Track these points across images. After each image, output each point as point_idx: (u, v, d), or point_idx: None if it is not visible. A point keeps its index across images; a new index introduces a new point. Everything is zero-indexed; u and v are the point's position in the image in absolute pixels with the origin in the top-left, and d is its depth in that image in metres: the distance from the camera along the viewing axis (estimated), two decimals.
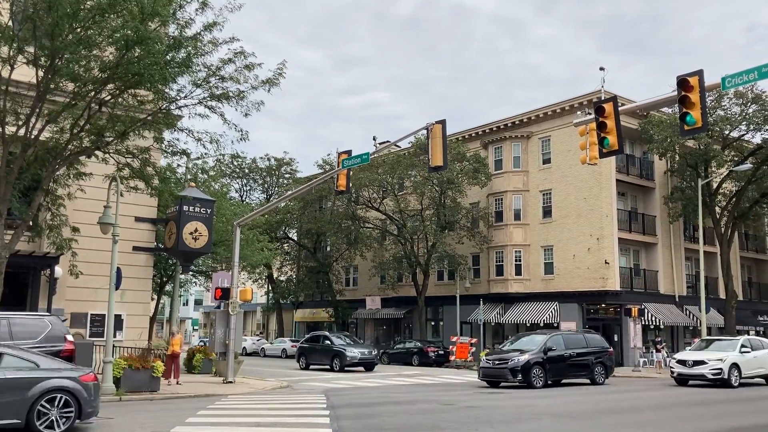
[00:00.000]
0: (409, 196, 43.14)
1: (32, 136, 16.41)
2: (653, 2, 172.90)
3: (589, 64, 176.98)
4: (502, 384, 22.81)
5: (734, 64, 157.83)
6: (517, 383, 22.23)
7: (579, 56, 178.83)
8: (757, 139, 37.52)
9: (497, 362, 22.81)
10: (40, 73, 15.79)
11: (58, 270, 20.48)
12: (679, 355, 26.19)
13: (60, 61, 15.46)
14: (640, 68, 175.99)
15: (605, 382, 24.25)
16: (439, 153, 18.09)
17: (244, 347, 47.24)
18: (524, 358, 22.26)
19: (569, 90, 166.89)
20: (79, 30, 15.03)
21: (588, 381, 24.06)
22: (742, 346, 24.54)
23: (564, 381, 23.69)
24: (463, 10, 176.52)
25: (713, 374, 23.38)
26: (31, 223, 17.86)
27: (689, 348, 27.85)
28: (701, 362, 23.91)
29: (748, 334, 43.84)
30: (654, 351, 34.48)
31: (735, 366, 23.58)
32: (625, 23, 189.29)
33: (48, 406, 10.69)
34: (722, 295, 40.14)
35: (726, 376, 23.19)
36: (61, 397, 10.81)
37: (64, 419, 10.81)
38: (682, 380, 24.51)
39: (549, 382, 22.55)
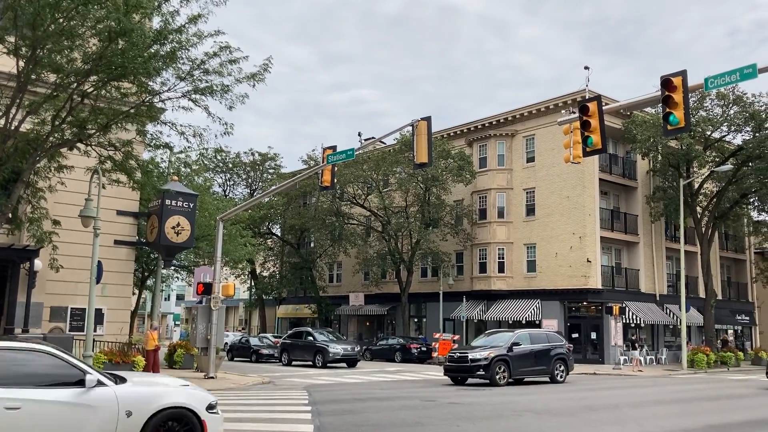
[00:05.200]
0: (394, 193, 43.14)
1: (12, 128, 16.20)
2: (637, 5, 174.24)
3: (574, 65, 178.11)
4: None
5: (715, 67, 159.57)
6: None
7: (564, 57, 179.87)
8: (738, 140, 37.98)
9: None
10: (21, 64, 15.57)
11: (38, 263, 20.25)
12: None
13: (41, 52, 15.26)
14: (624, 70, 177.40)
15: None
16: (424, 150, 18.08)
17: (227, 343, 47.05)
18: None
19: (553, 91, 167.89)
20: (61, 20, 14.82)
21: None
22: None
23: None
24: (450, 9, 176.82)
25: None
26: (10, 215, 17.64)
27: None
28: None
29: (726, 333, 44.54)
30: (631, 349, 34.79)
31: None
32: (610, 25, 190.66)
33: None
34: (702, 294, 40.59)
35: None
36: None
37: None
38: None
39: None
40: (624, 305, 36.72)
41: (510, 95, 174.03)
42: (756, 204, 41.88)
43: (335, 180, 22.17)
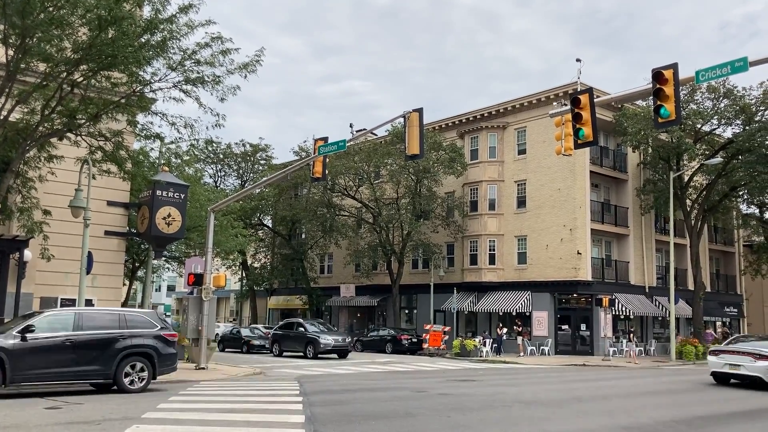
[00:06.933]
0: (385, 185, 43.12)
1: (1, 117, 16.09)
2: None
3: (565, 58, 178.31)
4: None
5: (706, 61, 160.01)
6: None
7: (555, 50, 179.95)
8: (728, 133, 38.18)
9: None
10: (10, 52, 15.46)
11: (28, 254, 20.13)
12: None
13: (31, 41, 15.15)
14: (615, 63, 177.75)
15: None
16: (416, 141, 18.08)
17: (218, 334, 47.04)
18: None
19: (545, 83, 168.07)
20: (51, 9, 14.72)
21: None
22: None
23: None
24: (441, 1, 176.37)
25: None
26: (0, 205, 17.55)
27: None
28: None
29: (725, 326, 44.77)
30: (626, 341, 35.00)
31: None
32: (601, 18, 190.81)
33: None
34: (691, 286, 40.85)
35: None
36: None
37: None
38: None
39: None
40: (613, 297, 36.93)
41: (502, 87, 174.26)
42: (745, 197, 42.18)
43: (326, 171, 22.15)
